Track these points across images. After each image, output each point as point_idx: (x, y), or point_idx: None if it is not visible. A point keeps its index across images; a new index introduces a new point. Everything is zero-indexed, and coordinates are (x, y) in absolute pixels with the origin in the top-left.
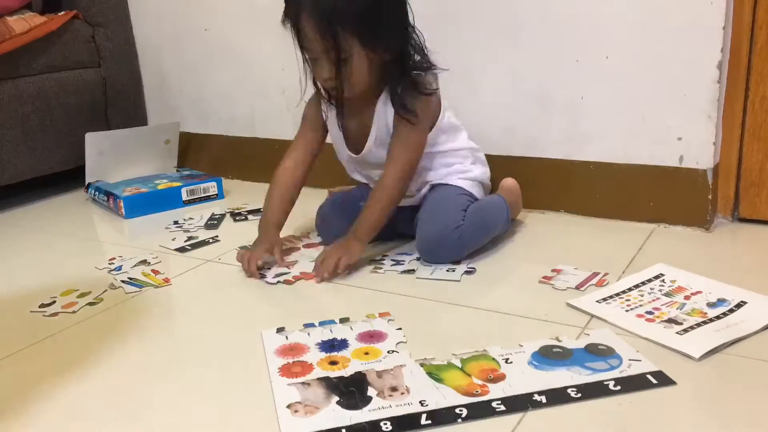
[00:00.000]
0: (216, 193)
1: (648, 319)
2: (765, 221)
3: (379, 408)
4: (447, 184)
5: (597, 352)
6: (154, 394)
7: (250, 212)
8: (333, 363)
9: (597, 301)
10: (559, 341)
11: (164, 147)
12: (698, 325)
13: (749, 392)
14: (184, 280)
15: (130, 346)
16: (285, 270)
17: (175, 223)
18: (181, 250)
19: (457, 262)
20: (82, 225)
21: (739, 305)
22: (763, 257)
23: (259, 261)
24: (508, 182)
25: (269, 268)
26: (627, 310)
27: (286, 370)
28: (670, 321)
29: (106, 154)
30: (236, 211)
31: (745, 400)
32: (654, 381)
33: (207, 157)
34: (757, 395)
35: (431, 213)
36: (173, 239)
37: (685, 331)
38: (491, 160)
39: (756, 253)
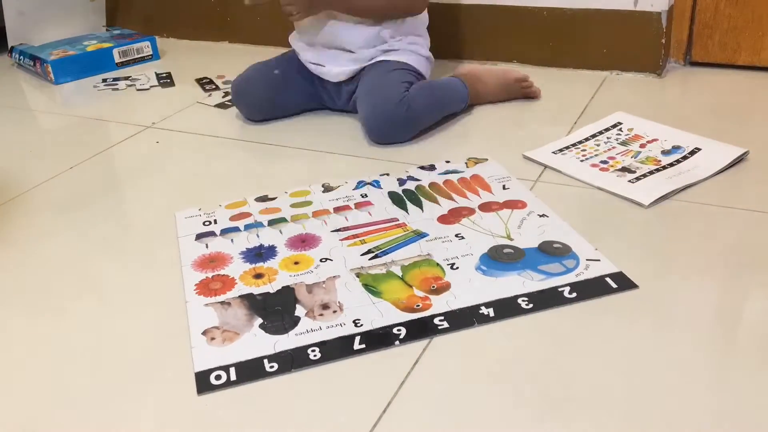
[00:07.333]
0: (150, 53)
1: (602, 169)
2: (716, 64)
3: (307, 331)
4: (387, 60)
5: (551, 252)
6: (70, 287)
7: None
8: (258, 276)
9: (553, 152)
10: (511, 239)
11: (90, 4)
12: (651, 173)
13: (694, 237)
14: (122, 148)
15: (72, 222)
16: None
17: (113, 88)
18: None
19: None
20: (10, 93)
21: (693, 152)
22: (714, 101)
23: None
24: (467, 67)
25: None
26: (582, 160)
27: (203, 287)
28: (624, 170)
29: (27, 13)
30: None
31: (690, 245)
32: (614, 285)
33: (138, 14)
34: (701, 240)
35: (371, 88)
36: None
37: (637, 179)
38: (439, 6)
39: (708, 97)
